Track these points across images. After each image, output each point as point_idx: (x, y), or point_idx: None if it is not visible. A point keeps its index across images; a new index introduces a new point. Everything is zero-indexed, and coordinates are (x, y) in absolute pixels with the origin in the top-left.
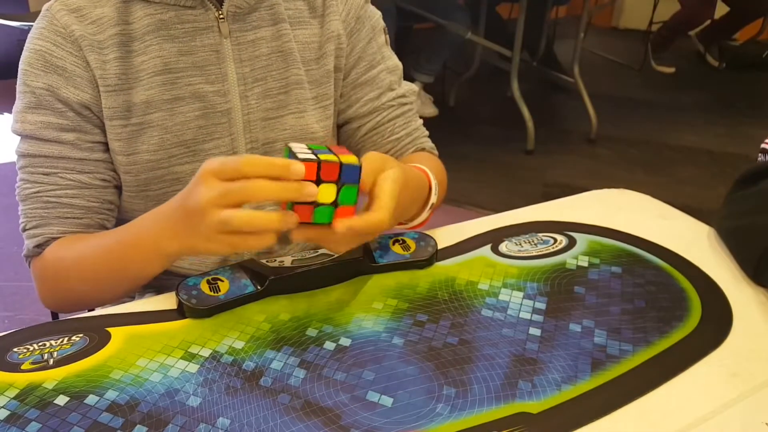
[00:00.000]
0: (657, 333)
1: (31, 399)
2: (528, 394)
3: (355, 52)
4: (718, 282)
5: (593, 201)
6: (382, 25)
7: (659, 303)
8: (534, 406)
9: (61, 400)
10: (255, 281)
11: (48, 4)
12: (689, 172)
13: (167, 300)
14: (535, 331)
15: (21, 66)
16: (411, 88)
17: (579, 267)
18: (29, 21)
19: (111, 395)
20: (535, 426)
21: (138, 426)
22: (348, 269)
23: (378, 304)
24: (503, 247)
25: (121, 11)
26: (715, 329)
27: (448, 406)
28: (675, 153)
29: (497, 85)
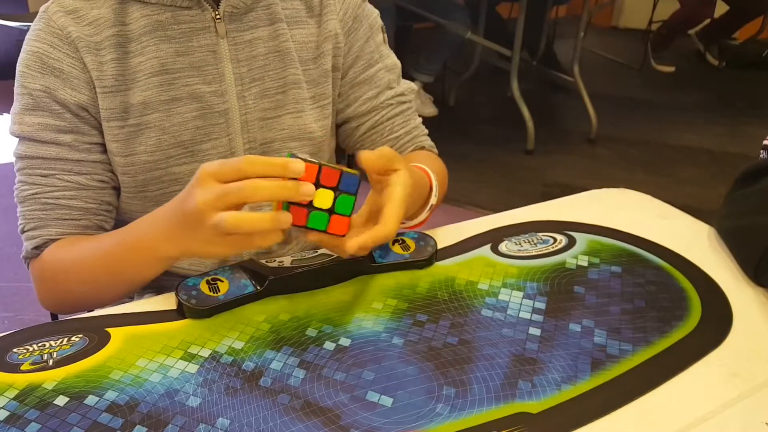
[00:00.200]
0: (657, 333)
1: (31, 399)
2: (528, 394)
3: (353, 51)
4: (718, 282)
5: (593, 201)
6: (380, 24)
7: (659, 303)
8: (534, 406)
9: (61, 400)
10: (255, 281)
11: (45, 5)
12: (689, 172)
13: (167, 300)
14: (535, 331)
15: (18, 68)
16: (410, 86)
17: (579, 267)
18: (28, 21)
19: (111, 396)
20: (535, 426)
21: (138, 426)
22: (348, 269)
23: (378, 304)
24: (503, 247)
25: (118, 12)
26: (715, 329)
27: (447, 406)
28: (675, 153)
29: (497, 85)
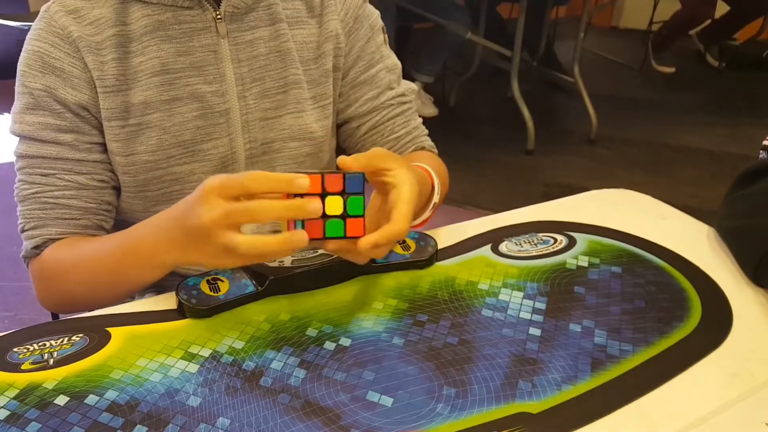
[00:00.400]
0: (657, 333)
1: (31, 399)
2: (528, 394)
3: (354, 51)
4: (718, 282)
5: (593, 201)
6: (380, 24)
7: (659, 303)
8: (534, 406)
9: (61, 400)
10: (255, 281)
11: (46, 5)
12: (689, 172)
13: (167, 300)
14: (535, 331)
15: (19, 67)
16: (410, 86)
17: (579, 267)
18: (29, 21)
19: (111, 395)
20: (535, 426)
21: (138, 426)
22: (348, 269)
23: (378, 304)
24: (503, 247)
25: (119, 12)
26: (715, 329)
27: (448, 406)
28: (675, 153)
29: (497, 85)
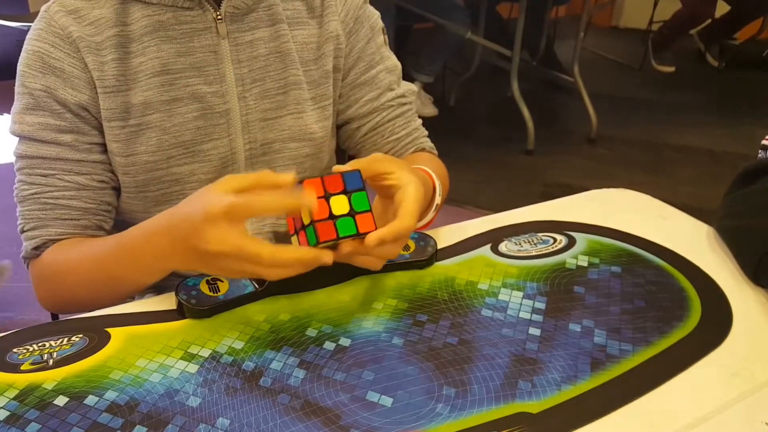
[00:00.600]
0: (657, 333)
1: (31, 399)
2: (528, 394)
3: (354, 52)
4: (718, 282)
5: (593, 201)
6: (381, 25)
7: (659, 303)
8: (534, 406)
9: (61, 400)
10: (255, 281)
11: (46, 5)
12: (689, 172)
13: (167, 300)
14: (535, 331)
15: (19, 67)
16: (410, 87)
17: (579, 267)
18: (29, 21)
19: (111, 395)
20: (535, 426)
21: (138, 426)
22: (348, 269)
23: (378, 304)
24: (503, 247)
25: (119, 12)
26: (715, 329)
27: (447, 406)
28: (675, 153)
29: (497, 85)
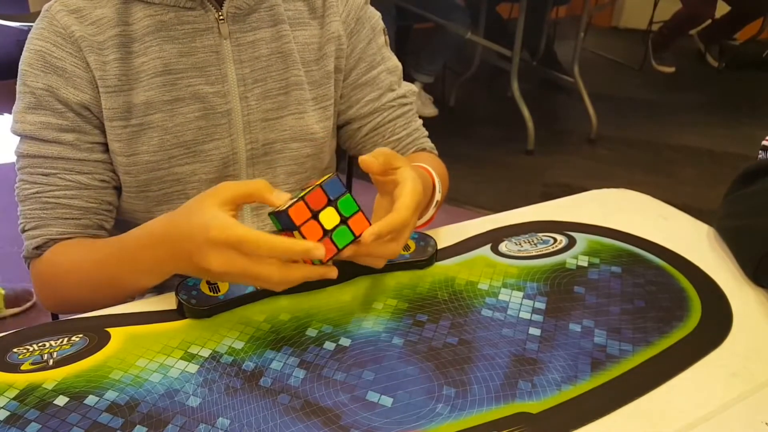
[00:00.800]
0: (657, 333)
1: (31, 399)
2: (528, 394)
3: (356, 53)
4: (718, 282)
5: (593, 201)
6: (381, 26)
7: (659, 303)
8: (534, 406)
9: (61, 400)
10: None
11: (48, 4)
12: (689, 172)
13: (167, 300)
14: (535, 331)
15: (21, 66)
16: (411, 88)
17: (579, 267)
18: (29, 21)
19: (111, 395)
20: (535, 426)
21: (138, 426)
22: (348, 269)
23: (378, 304)
24: (503, 247)
25: (121, 12)
26: (715, 329)
27: (448, 406)
28: (675, 153)
29: (497, 85)
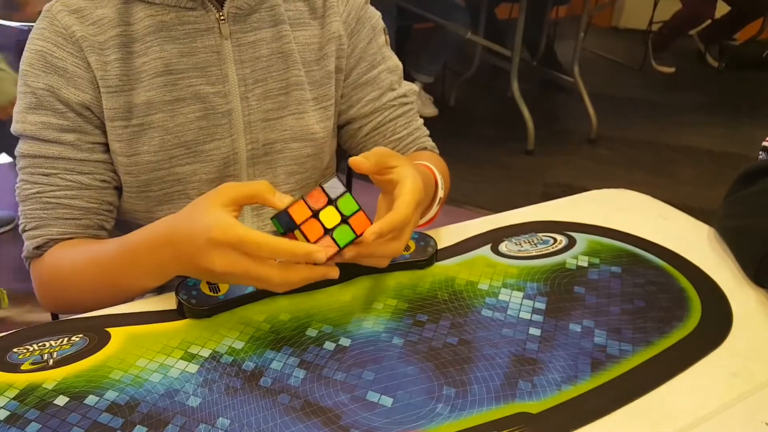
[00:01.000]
0: (657, 333)
1: (31, 399)
2: (528, 394)
3: (356, 52)
4: (718, 282)
5: (593, 201)
6: (382, 26)
7: (659, 303)
8: (534, 406)
9: (61, 400)
10: None
11: (48, 4)
12: (689, 172)
13: (167, 300)
14: (535, 331)
15: (22, 66)
16: (411, 87)
17: (579, 267)
18: (29, 21)
19: (111, 395)
20: (535, 426)
21: (138, 426)
22: (348, 269)
23: (378, 304)
24: (503, 247)
25: (122, 12)
26: (715, 329)
27: (448, 406)
28: (675, 153)
29: (497, 85)
